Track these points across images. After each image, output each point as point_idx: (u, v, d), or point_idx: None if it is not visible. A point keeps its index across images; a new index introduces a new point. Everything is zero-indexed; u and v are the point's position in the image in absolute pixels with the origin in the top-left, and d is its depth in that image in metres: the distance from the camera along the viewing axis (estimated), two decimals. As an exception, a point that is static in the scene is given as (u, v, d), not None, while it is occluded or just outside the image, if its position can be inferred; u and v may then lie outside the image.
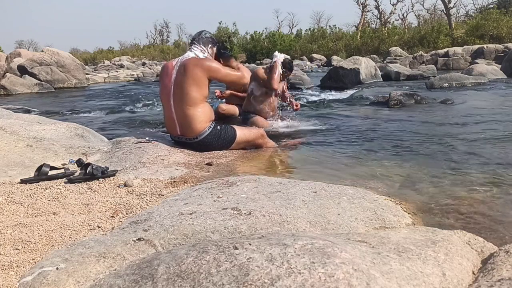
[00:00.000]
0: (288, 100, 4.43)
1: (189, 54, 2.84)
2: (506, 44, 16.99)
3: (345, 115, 4.96)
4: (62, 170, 2.22)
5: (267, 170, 2.50)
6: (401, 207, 1.69)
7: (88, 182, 2.07)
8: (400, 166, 2.52)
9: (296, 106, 4.38)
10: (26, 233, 1.43)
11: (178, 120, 2.80)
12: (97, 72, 20.51)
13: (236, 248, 1.00)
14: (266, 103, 4.09)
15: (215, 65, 2.80)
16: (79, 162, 2.32)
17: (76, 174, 2.19)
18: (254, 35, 34.25)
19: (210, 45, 2.90)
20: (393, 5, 34.65)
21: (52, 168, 2.19)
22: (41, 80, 12.53)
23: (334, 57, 21.18)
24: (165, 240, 1.32)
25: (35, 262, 1.22)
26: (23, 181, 2.08)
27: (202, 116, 2.78)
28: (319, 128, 4.06)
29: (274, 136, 3.56)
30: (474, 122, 4.01)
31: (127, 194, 1.89)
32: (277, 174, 2.35)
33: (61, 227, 1.49)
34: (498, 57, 14.74)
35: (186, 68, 2.73)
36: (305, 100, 6.68)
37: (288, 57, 4.20)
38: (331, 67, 11.60)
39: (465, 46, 18.38)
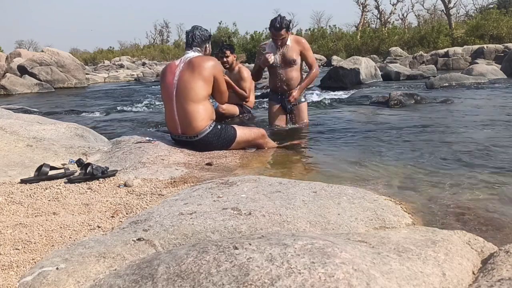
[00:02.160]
0: None
1: (194, 54, 2.90)
2: (506, 44, 16.99)
3: (345, 115, 4.96)
4: (62, 170, 2.22)
5: (267, 170, 2.50)
6: (401, 207, 1.69)
7: (88, 182, 2.07)
8: (400, 166, 2.52)
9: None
10: (26, 233, 1.43)
11: (180, 118, 2.81)
12: (97, 72, 20.53)
13: (236, 248, 1.00)
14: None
15: (220, 67, 3.02)
16: (79, 162, 2.32)
17: (76, 174, 2.18)
18: (254, 35, 34.20)
19: (206, 44, 3.02)
20: (393, 5, 34.63)
21: (52, 168, 2.18)
22: (41, 80, 12.54)
23: (334, 57, 21.16)
24: (165, 240, 1.32)
25: (35, 262, 1.22)
26: (23, 181, 2.08)
27: (203, 114, 2.79)
28: (319, 128, 4.05)
29: (274, 136, 3.56)
30: (474, 122, 4.01)
31: (127, 194, 1.89)
32: (277, 174, 2.35)
33: (61, 227, 1.49)
34: (498, 57, 14.74)
35: (194, 64, 2.80)
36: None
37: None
38: (331, 67, 11.59)
39: (465, 46, 18.38)
